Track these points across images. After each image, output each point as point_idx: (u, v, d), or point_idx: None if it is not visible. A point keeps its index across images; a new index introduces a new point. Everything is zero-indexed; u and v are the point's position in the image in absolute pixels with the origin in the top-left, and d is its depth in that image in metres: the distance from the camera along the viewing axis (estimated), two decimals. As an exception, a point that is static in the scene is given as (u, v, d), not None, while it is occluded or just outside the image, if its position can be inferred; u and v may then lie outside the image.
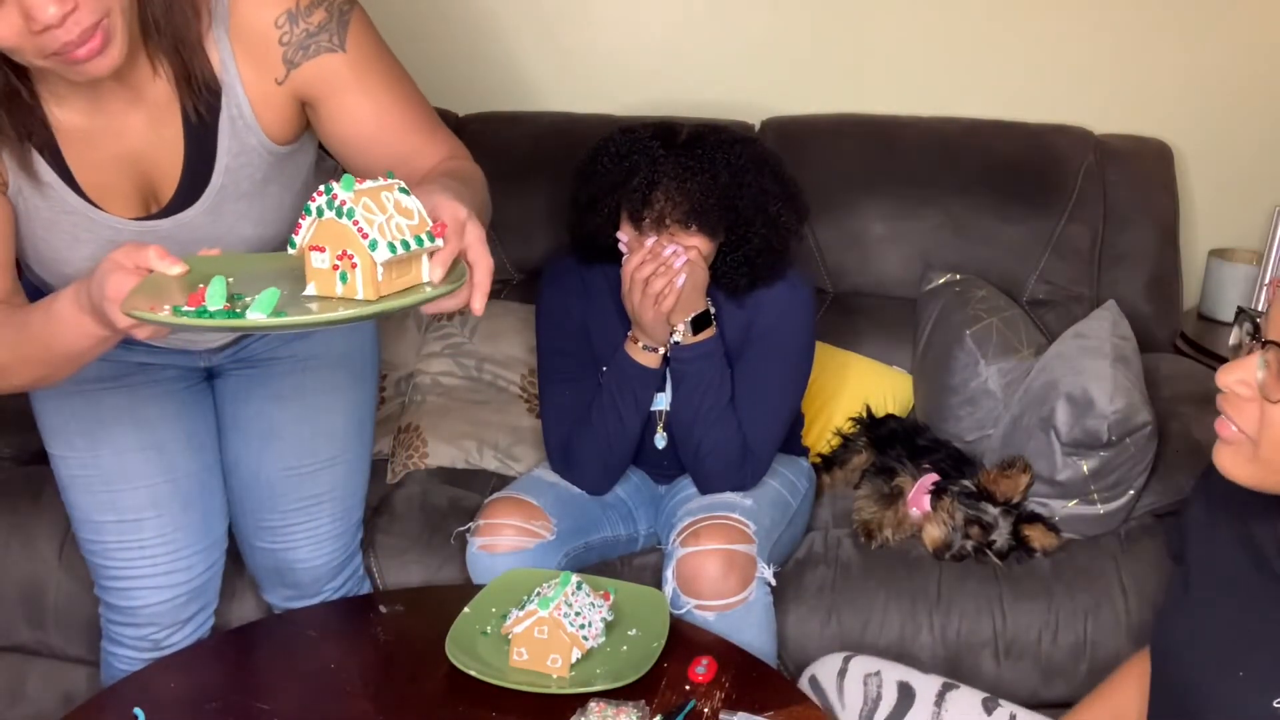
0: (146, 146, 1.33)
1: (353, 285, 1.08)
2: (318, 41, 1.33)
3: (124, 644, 1.73)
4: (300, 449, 1.72)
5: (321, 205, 1.08)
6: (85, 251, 1.36)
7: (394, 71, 1.41)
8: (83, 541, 1.69)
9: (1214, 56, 2.63)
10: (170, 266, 1.10)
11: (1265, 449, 1.08)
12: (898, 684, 1.55)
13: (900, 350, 2.48)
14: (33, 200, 1.32)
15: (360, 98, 1.36)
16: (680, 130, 1.90)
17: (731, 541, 1.78)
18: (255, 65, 1.32)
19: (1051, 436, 2.03)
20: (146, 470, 1.63)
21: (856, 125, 2.59)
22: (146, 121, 1.32)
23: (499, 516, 1.87)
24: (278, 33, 1.31)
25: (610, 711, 1.41)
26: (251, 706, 1.47)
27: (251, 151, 1.37)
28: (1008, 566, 2.00)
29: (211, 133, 1.34)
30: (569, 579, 1.56)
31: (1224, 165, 2.69)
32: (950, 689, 1.56)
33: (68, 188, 1.31)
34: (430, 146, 1.41)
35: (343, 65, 1.34)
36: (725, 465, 1.91)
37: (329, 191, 1.08)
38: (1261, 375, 1.07)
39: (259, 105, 1.34)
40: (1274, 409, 1.06)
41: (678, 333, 1.87)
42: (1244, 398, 1.08)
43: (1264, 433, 1.07)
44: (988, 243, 2.48)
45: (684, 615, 1.76)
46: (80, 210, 1.33)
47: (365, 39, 1.37)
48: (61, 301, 1.18)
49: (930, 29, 2.66)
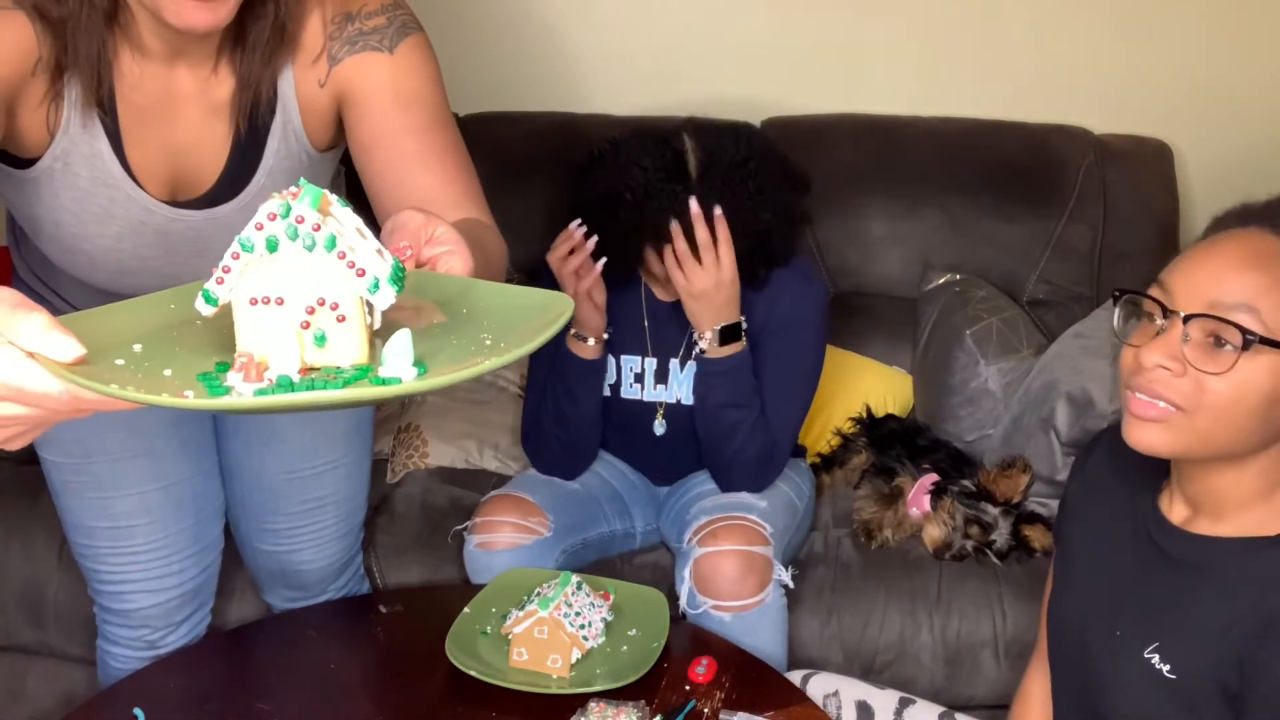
0: (195, 138, 1.33)
1: (336, 348, 0.75)
2: (367, 40, 1.29)
3: (119, 643, 1.73)
4: (302, 452, 1.71)
5: (276, 235, 0.73)
6: (113, 229, 1.34)
7: (439, 103, 1.32)
8: (75, 545, 1.69)
9: (1214, 56, 2.62)
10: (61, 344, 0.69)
11: (1202, 419, 1.11)
12: (856, 703, 1.59)
13: (900, 350, 2.48)
14: (75, 166, 1.29)
15: (393, 104, 1.28)
16: (685, 153, 1.83)
17: (749, 543, 1.78)
18: (305, 71, 1.31)
19: (1051, 436, 2.03)
20: (139, 477, 1.62)
21: (856, 125, 2.59)
22: (201, 115, 1.32)
23: (496, 514, 1.87)
24: (329, 30, 1.29)
25: (610, 711, 1.41)
26: (251, 706, 1.47)
27: (294, 157, 1.36)
28: (1008, 566, 2.00)
29: (261, 137, 1.34)
30: (569, 579, 1.57)
31: (1224, 165, 2.69)
32: (908, 704, 1.60)
33: (116, 161, 1.30)
34: (460, 194, 1.27)
35: (385, 65, 1.29)
36: (756, 468, 1.92)
37: (288, 213, 0.74)
38: (1187, 349, 1.10)
39: (306, 113, 1.33)
40: (1208, 379, 1.09)
41: (704, 340, 1.86)
42: (1173, 373, 1.11)
43: (1201, 402, 1.10)
44: (988, 243, 2.48)
45: (699, 616, 1.76)
46: (121, 186, 1.31)
47: (418, 56, 1.31)
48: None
49: (930, 29, 2.65)
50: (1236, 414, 1.10)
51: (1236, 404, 1.09)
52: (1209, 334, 1.10)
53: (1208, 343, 1.10)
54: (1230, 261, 1.11)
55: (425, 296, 0.84)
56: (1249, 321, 1.08)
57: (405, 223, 0.87)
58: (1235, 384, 1.09)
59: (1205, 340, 1.10)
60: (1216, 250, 1.13)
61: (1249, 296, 1.09)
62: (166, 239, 1.36)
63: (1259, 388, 1.09)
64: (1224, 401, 1.09)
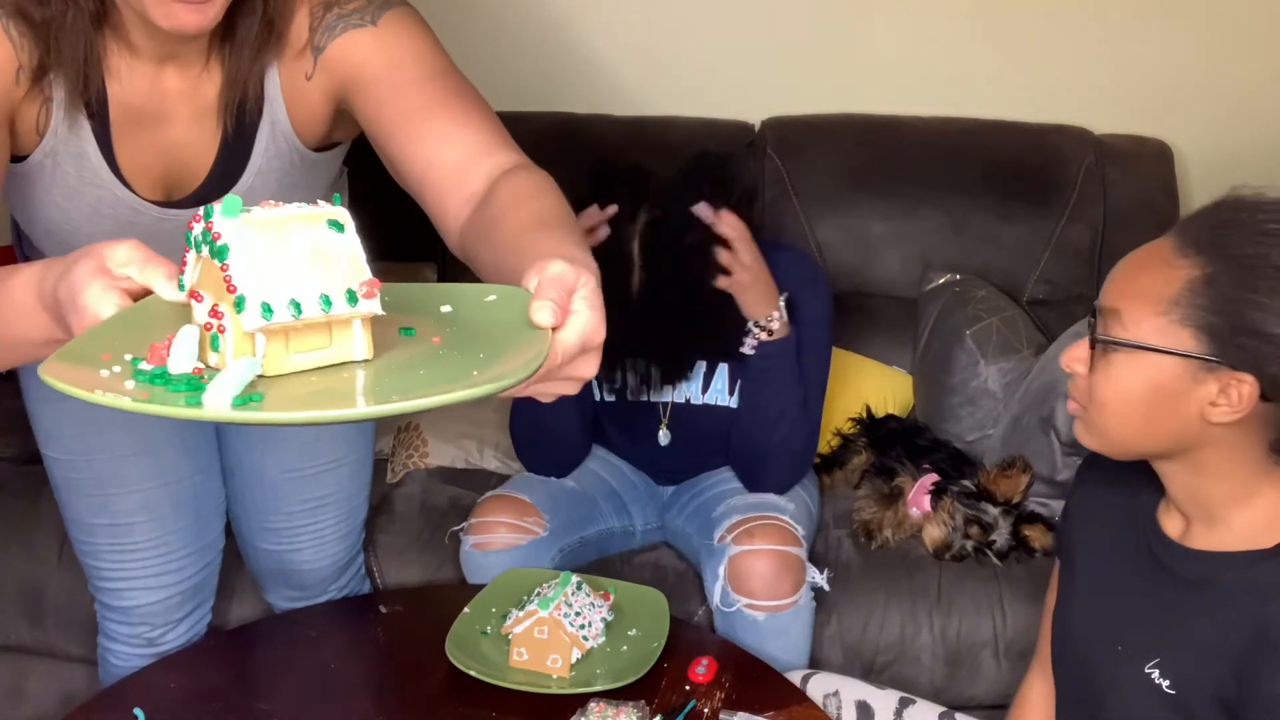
0: (185, 137, 1.33)
1: (222, 354, 0.77)
2: (348, 21, 1.26)
3: (119, 640, 1.73)
4: (302, 451, 1.71)
5: (198, 235, 0.79)
6: (104, 228, 1.34)
7: (438, 58, 1.27)
8: (75, 542, 1.69)
9: (1213, 56, 2.62)
10: (174, 292, 0.84)
11: (1095, 415, 1.18)
12: (856, 703, 1.59)
13: (900, 350, 2.48)
14: (64, 165, 1.30)
15: (387, 68, 1.24)
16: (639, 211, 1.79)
17: (784, 543, 1.78)
18: (290, 66, 1.30)
19: (1051, 436, 2.03)
20: (139, 475, 1.62)
21: (856, 125, 2.59)
22: (191, 114, 1.32)
23: (491, 514, 1.87)
24: (309, 21, 1.27)
25: (610, 711, 1.41)
26: (251, 706, 1.47)
27: (284, 155, 1.36)
28: (1008, 566, 2.00)
29: (249, 136, 1.34)
30: (569, 579, 1.57)
31: (1224, 165, 2.68)
32: (908, 704, 1.60)
33: (104, 162, 1.30)
34: (482, 138, 1.19)
35: (370, 38, 1.25)
36: (794, 462, 1.92)
37: (208, 215, 0.78)
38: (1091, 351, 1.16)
39: (294, 109, 1.33)
40: (1094, 380, 1.16)
41: (774, 320, 1.82)
42: (1078, 375, 1.19)
43: (1091, 400, 1.17)
44: (988, 243, 2.48)
45: (732, 614, 1.76)
46: (108, 186, 1.32)
47: (404, 23, 1.27)
48: (19, 280, 0.93)
49: (930, 29, 2.65)
50: (1122, 413, 1.15)
51: (1119, 404, 1.15)
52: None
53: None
54: (1123, 268, 1.17)
55: (419, 304, 0.86)
56: (1113, 325, 1.13)
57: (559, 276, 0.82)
58: (1109, 384, 1.15)
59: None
60: (1126, 259, 1.18)
61: (1117, 300, 1.14)
62: (157, 237, 1.34)
63: (1131, 388, 1.13)
64: (1105, 400, 1.16)
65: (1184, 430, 1.13)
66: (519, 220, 1.03)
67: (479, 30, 2.72)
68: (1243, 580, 1.14)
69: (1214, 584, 1.16)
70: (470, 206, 1.12)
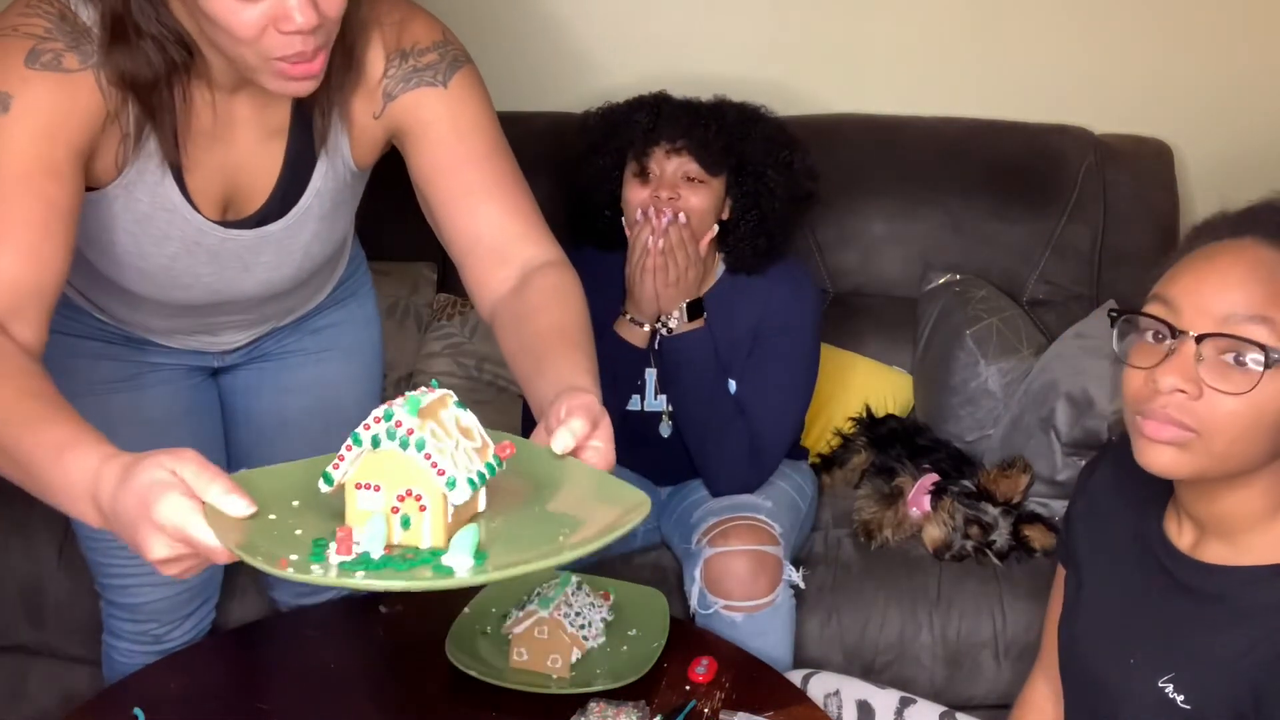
0: (248, 159, 1.35)
1: (417, 531, 0.92)
2: (421, 76, 1.34)
3: (124, 638, 1.73)
4: (313, 442, 1.71)
5: (379, 434, 0.91)
6: (169, 249, 1.36)
7: (495, 131, 1.39)
8: (82, 539, 1.69)
9: (1214, 56, 2.62)
10: (237, 504, 0.95)
11: (1219, 441, 1.07)
12: (856, 703, 1.59)
13: (900, 350, 2.48)
14: (137, 193, 1.31)
15: (451, 135, 1.35)
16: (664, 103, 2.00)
17: (760, 543, 1.78)
18: (361, 100, 1.34)
19: (1051, 436, 2.03)
20: None
21: (856, 125, 2.59)
22: (257, 138, 1.35)
23: None
24: (384, 65, 1.33)
25: (610, 711, 1.41)
26: (252, 706, 1.47)
27: (339, 176, 1.40)
28: (1008, 566, 2.00)
29: (310, 159, 1.37)
30: (569, 579, 1.57)
31: (1224, 165, 2.68)
32: (908, 704, 1.59)
33: (175, 187, 1.32)
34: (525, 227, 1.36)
35: (440, 100, 1.34)
36: (732, 465, 1.91)
37: (389, 418, 0.91)
38: (1202, 369, 1.06)
39: (356, 139, 1.37)
40: (1224, 399, 1.05)
41: (673, 318, 1.88)
42: (1189, 396, 1.06)
43: (1218, 424, 1.06)
44: (988, 243, 2.48)
45: (710, 617, 1.76)
46: (179, 210, 1.33)
47: (471, 88, 1.37)
48: (75, 464, 1.03)
49: (930, 29, 2.65)
50: (1255, 434, 1.07)
51: (1255, 424, 1.06)
52: (1224, 353, 1.06)
53: (1222, 362, 1.06)
54: (1235, 275, 1.07)
55: (526, 469, 1.04)
56: (1266, 336, 1.04)
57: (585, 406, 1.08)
58: (1254, 404, 1.05)
59: (1219, 359, 1.06)
60: (1219, 263, 1.08)
61: (1262, 310, 1.05)
62: (218, 257, 1.40)
63: (1277, 406, 1.06)
64: (1243, 422, 1.06)
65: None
66: (545, 324, 1.27)
67: (479, 30, 2.72)
68: (1261, 595, 1.11)
69: (1231, 599, 1.13)
70: (504, 287, 1.32)
